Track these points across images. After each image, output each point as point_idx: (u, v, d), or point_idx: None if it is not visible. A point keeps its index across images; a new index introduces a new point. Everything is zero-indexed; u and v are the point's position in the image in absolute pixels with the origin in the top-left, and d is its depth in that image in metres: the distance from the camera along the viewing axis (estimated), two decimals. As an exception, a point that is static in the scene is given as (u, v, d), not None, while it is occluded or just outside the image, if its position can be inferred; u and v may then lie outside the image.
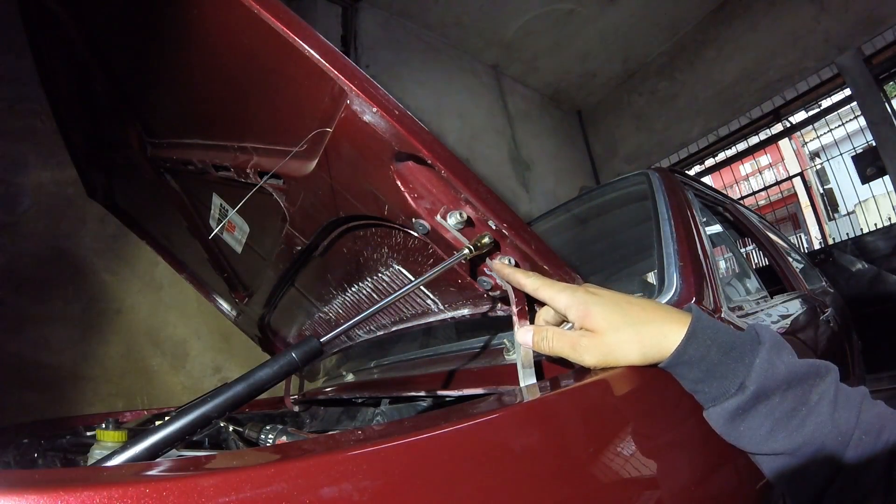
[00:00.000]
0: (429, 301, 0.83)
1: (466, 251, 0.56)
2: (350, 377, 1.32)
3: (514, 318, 0.59)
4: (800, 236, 7.25)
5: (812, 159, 8.23)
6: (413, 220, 0.60)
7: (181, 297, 2.23)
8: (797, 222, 8.08)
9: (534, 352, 0.57)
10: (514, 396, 0.47)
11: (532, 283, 0.57)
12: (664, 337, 0.49)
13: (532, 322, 0.60)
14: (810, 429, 0.45)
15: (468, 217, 0.58)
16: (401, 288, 0.84)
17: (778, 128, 4.08)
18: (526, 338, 0.57)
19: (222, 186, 0.95)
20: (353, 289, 0.95)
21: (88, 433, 0.96)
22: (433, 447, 0.34)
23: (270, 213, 0.86)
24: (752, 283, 1.25)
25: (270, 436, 0.75)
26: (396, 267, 0.80)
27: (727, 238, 1.41)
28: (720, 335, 0.49)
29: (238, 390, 0.38)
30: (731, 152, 4.38)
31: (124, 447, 0.35)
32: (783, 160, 7.98)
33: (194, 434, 0.36)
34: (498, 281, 0.63)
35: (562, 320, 0.60)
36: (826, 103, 3.83)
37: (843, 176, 4.86)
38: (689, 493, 0.46)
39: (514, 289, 0.60)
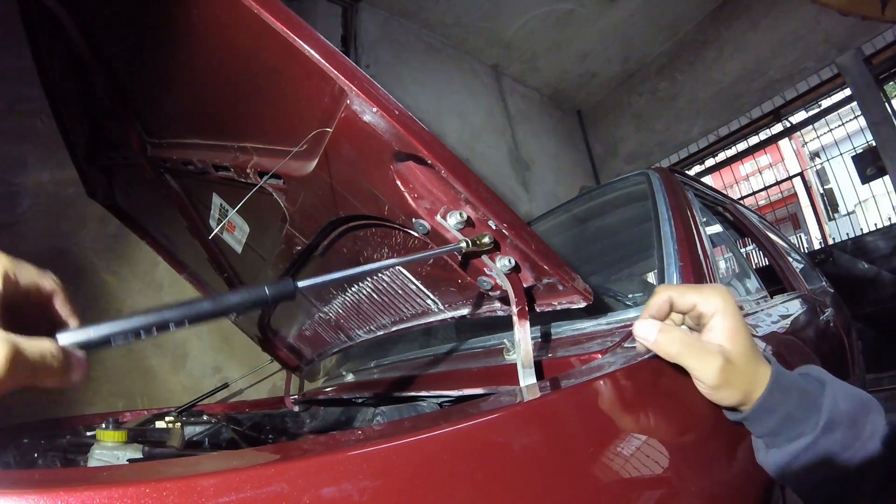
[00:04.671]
0: (429, 301, 0.83)
1: (463, 244, 0.56)
2: (350, 377, 1.32)
3: (515, 318, 0.59)
4: (800, 236, 7.24)
5: (812, 159, 8.22)
6: (413, 220, 0.60)
7: (181, 297, 2.23)
8: (797, 222, 8.07)
9: (537, 348, 0.57)
10: (514, 396, 0.47)
11: (674, 293, 0.52)
12: (760, 381, 0.48)
13: (530, 321, 0.60)
14: (857, 462, 0.45)
15: (468, 217, 0.58)
16: (400, 287, 0.84)
17: (778, 128, 4.08)
18: (647, 333, 0.50)
19: (222, 186, 0.95)
20: (353, 289, 0.95)
21: (88, 433, 0.96)
22: (433, 447, 0.34)
23: (270, 213, 0.86)
24: (752, 283, 1.25)
25: (270, 436, 0.75)
26: (396, 267, 0.80)
27: (727, 238, 1.41)
28: (795, 381, 0.49)
29: (204, 305, 0.38)
30: (731, 152, 4.38)
31: (80, 328, 0.34)
32: (783, 160, 7.97)
33: (150, 332, 0.35)
34: (498, 281, 0.63)
35: (670, 317, 0.54)
36: (826, 103, 3.83)
37: (843, 176, 4.86)
38: (690, 493, 0.46)
39: (514, 288, 0.60)
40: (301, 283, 0.44)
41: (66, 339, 0.34)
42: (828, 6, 2.65)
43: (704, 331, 0.50)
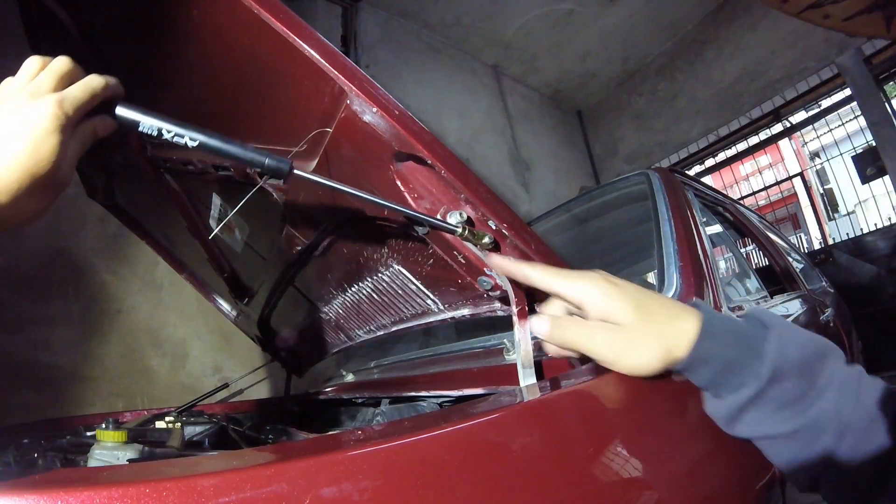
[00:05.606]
0: (429, 301, 0.83)
1: (458, 229, 0.55)
2: (350, 377, 1.33)
3: (515, 318, 0.58)
4: (800, 236, 7.23)
5: (812, 159, 8.22)
6: (413, 220, 0.60)
7: (181, 297, 2.23)
8: (797, 222, 8.06)
9: (537, 348, 0.57)
10: (514, 396, 0.47)
11: (541, 276, 0.51)
12: (681, 333, 0.46)
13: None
14: (814, 413, 0.42)
15: (468, 217, 0.58)
16: (400, 287, 0.84)
17: (778, 128, 4.07)
18: (542, 328, 0.52)
19: (222, 186, 0.95)
20: (353, 289, 0.95)
21: (88, 433, 0.95)
22: (433, 447, 0.34)
23: (270, 213, 0.86)
24: (752, 283, 1.25)
25: (270, 436, 0.75)
26: (396, 267, 0.81)
27: (727, 238, 1.41)
28: (730, 326, 0.47)
29: (215, 138, 0.44)
30: (731, 152, 4.38)
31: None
32: (783, 160, 7.96)
33: (170, 133, 0.44)
34: (498, 281, 0.63)
35: (571, 314, 0.55)
36: (826, 103, 3.83)
37: (843, 176, 4.86)
38: (689, 494, 0.46)
39: (515, 288, 0.60)
40: (297, 171, 0.47)
41: (120, 111, 0.46)
42: (833, 29, 2.68)
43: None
